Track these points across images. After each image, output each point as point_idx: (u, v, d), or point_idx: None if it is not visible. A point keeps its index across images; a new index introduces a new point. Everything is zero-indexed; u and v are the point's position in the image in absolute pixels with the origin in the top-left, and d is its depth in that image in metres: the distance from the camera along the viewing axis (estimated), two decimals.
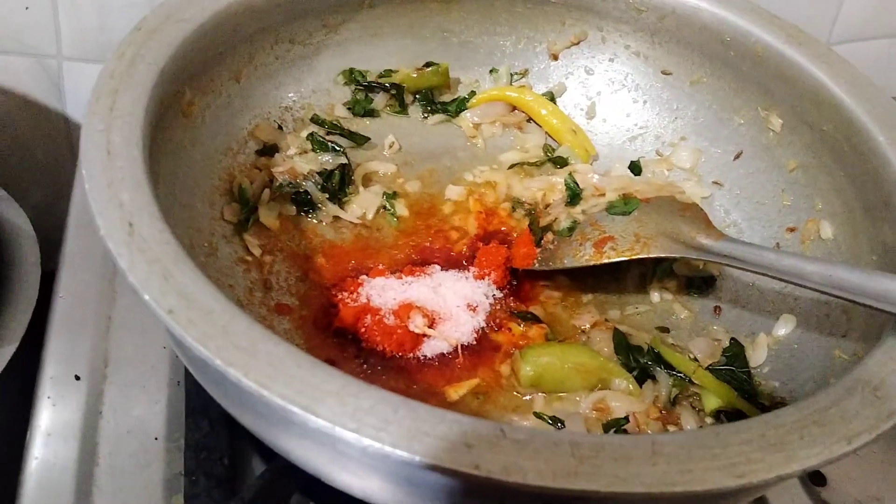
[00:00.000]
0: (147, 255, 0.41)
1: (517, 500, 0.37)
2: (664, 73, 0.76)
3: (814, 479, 0.63)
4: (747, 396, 0.56)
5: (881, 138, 0.60)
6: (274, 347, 0.37)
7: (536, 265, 0.64)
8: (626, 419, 0.53)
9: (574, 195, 0.67)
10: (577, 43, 0.78)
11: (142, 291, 0.39)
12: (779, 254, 0.54)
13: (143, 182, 0.45)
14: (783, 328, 0.61)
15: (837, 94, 0.64)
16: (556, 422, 0.54)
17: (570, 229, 0.64)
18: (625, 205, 0.63)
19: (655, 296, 0.66)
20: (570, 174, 0.69)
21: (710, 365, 0.58)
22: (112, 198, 0.44)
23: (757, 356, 0.60)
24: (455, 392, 0.56)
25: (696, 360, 0.58)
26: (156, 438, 0.58)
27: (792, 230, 0.67)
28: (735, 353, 0.59)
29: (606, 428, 0.53)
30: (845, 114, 0.63)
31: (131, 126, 0.49)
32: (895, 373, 0.42)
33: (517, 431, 0.36)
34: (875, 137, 0.60)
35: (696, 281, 0.67)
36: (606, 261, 0.60)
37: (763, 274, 0.54)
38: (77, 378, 0.60)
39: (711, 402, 0.55)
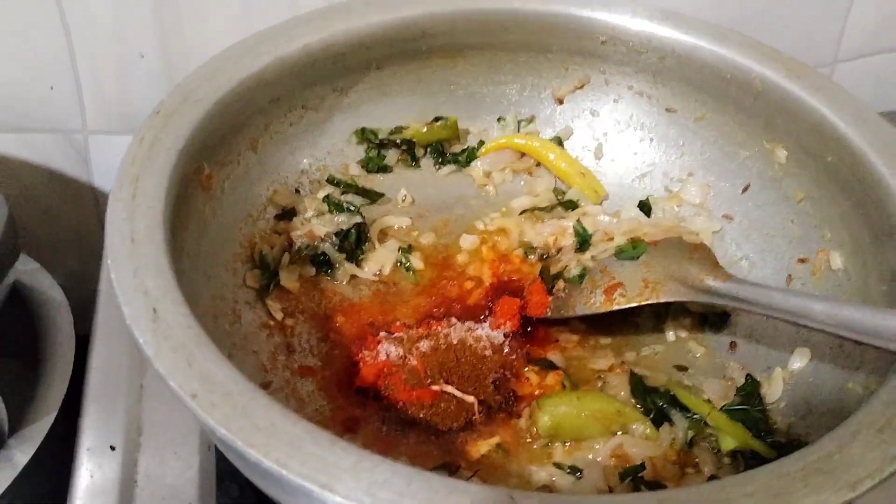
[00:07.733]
0: (171, 342, 0.43)
1: None
2: (668, 110, 0.77)
3: None
4: (763, 434, 0.57)
5: (884, 169, 0.61)
6: (292, 426, 0.39)
7: (549, 313, 0.66)
8: (643, 466, 0.54)
9: (583, 241, 0.68)
10: (581, 87, 0.80)
11: (168, 378, 0.41)
12: (785, 293, 0.54)
13: (165, 268, 0.48)
14: (798, 361, 0.61)
15: (839, 125, 0.65)
16: (576, 471, 0.55)
17: (581, 276, 0.65)
18: (633, 249, 0.64)
19: (671, 335, 0.67)
20: (578, 220, 0.70)
21: (725, 406, 0.59)
22: (137, 285, 0.46)
23: (773, 392, 0.61)
24: (476, 451, 0.58)
25: (709, 401, 0.59)
26: None
27: (803, 261, 0.67)
28: (749, 392, 0.59)
29: (623, 476, 0.54)
30: (847, 145, 0.64)
31: (153, 212, 0.51)
32: None
33: (526, 498, 0.37)
34: (878, 168, 0.61)
35: (711, 317, 0.68)
36: (617, 307, 0.62)
37: (770, 316, 0.55)
38: (112, 448, 0.62)
39: (728, 443, 0.56)
